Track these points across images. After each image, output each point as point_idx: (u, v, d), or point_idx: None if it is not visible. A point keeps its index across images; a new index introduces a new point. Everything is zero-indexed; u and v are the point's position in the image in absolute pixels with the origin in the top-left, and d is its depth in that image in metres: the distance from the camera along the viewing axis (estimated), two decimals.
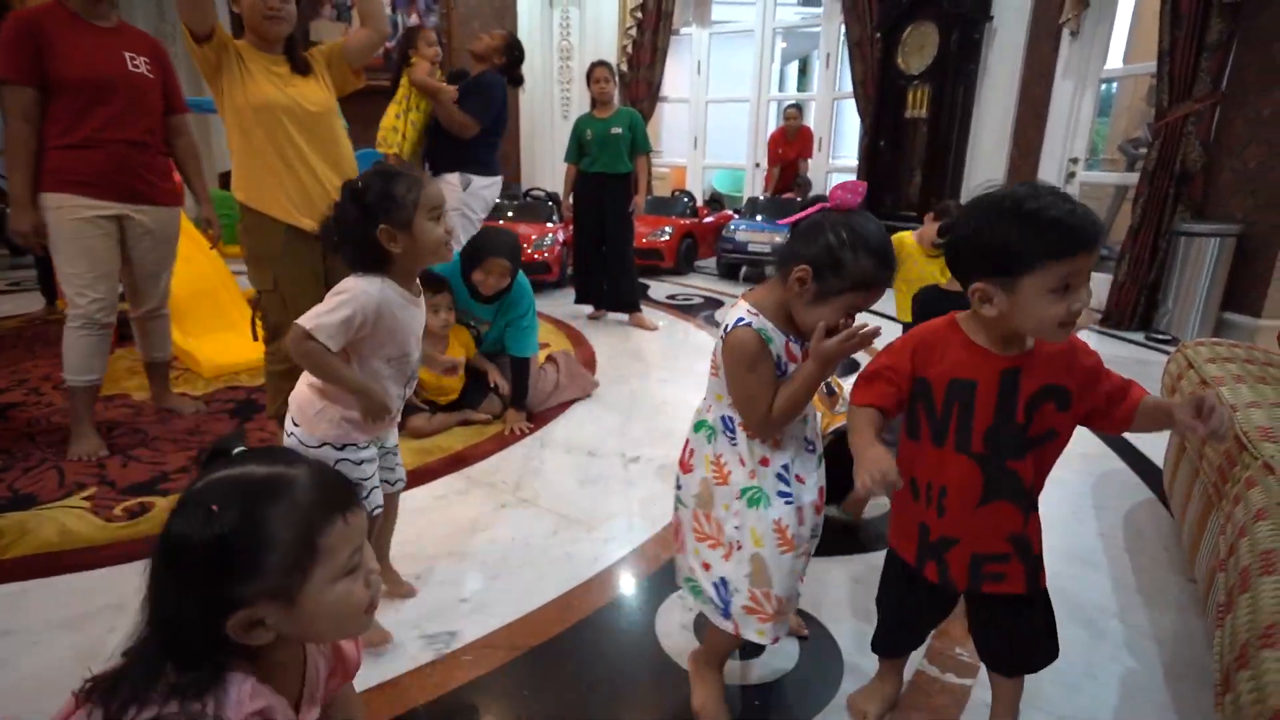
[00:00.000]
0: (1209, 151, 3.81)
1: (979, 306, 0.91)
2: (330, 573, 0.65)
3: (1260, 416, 1.44)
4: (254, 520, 0.62)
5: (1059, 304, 0.85)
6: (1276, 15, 3.46)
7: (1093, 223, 0.85)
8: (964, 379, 0.96)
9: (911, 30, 5.14)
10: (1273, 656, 0.78)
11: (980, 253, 0.89)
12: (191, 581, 0.61)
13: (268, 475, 0.65)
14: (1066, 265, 0.84)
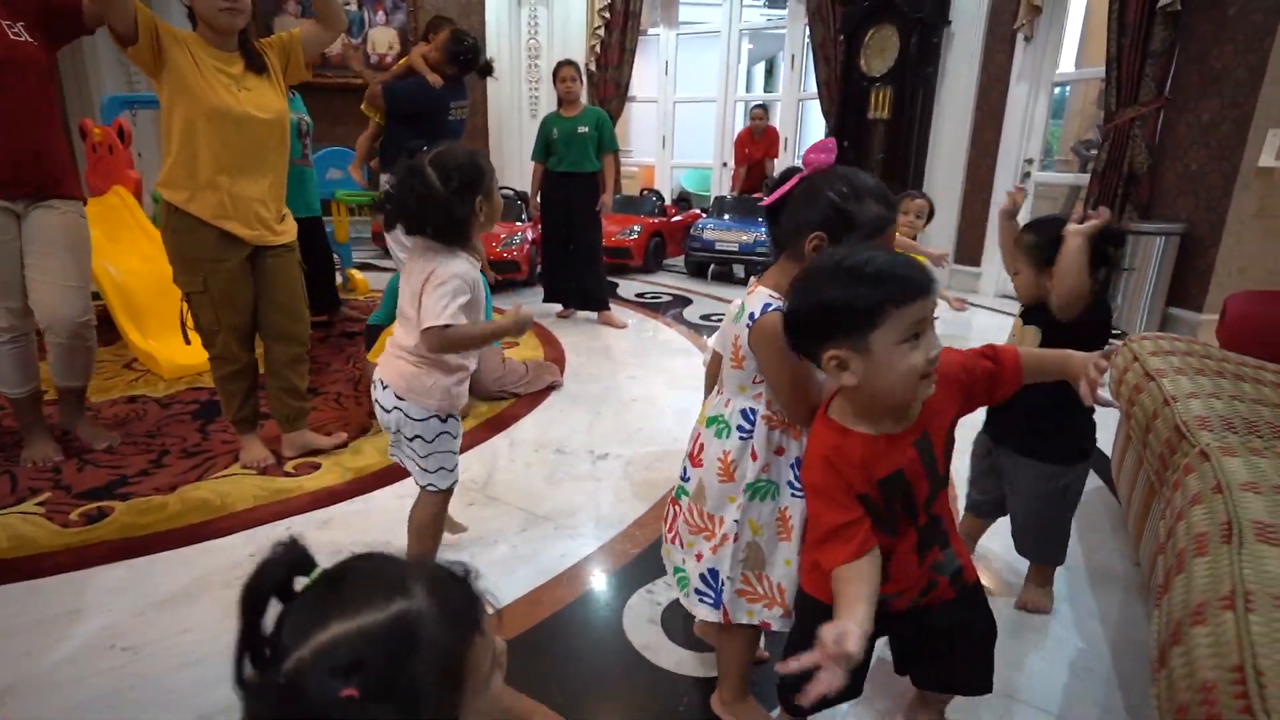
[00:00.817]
0: (1154, 154, 3.96)
1: (837, 376, 0.87)
2: (475, 686, 0.56)
3: (1198, 407, 1.51)
4: (403, 691, 0.49)
5: (915, 353, 0.83)
6: (1213, 25, 3.62)
7: (921, 269, 0.86)
8: (889, 474, 0.92)
9: (873, 33, 5.23)
10: (1202, 632, 0.83)
11: (823, 320, 0.86)
12: None
13: (391, 622, 0.51)
14: (910, 310, 0.83)
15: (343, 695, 0.46)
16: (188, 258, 1.99)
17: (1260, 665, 0.71)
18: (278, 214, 2.10)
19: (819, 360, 0.89)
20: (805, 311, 0.89)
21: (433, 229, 1.35)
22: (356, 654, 0.49)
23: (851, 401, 0.92)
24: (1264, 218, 3.47)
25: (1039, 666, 1.41)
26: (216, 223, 1.95)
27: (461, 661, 0.54)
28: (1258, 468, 1.18)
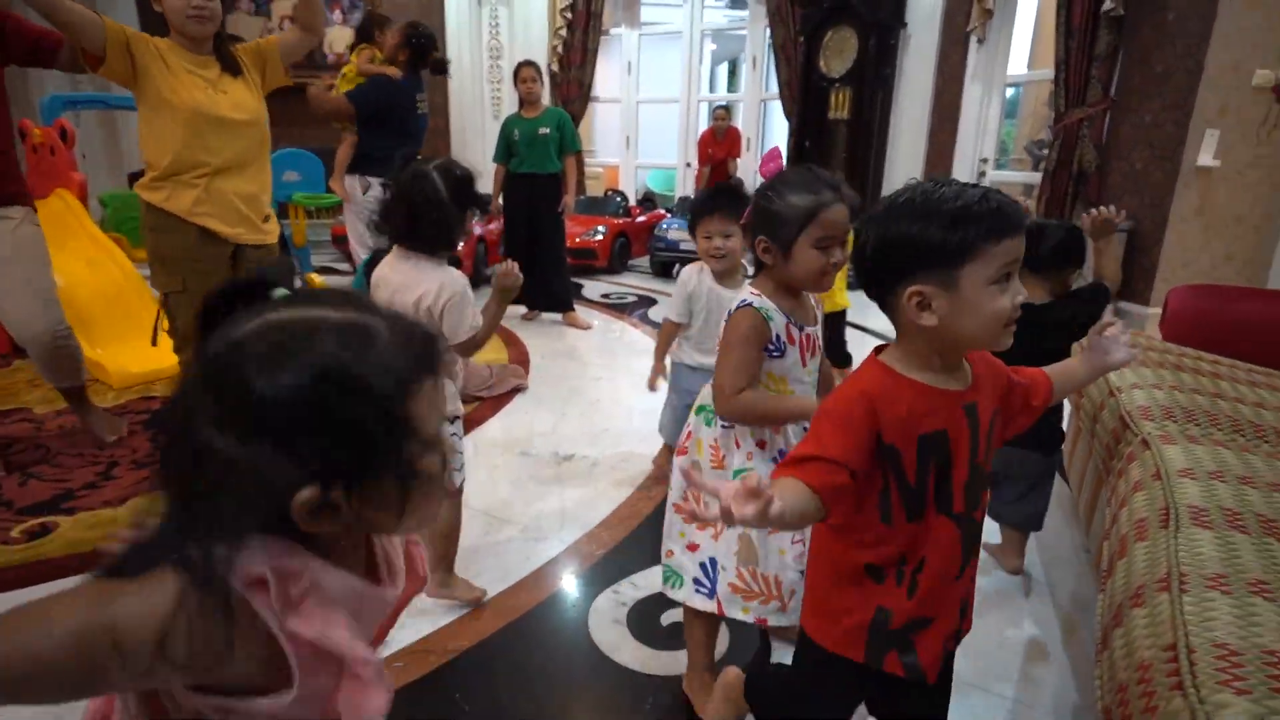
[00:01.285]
0: (1102, 153, 4.08)
1: (917, 315, 0.77)
2: (414, 446, 0.51)
3: (1141, 397, 1.57)
4: (334, 372, 0.47)
5: (1002, 296, 0.76)
6: (1154, 30, 3.75)
7: (1012, 202, 0.78)
8: (933, 431, 0.80)
9: (832, 35, 5.31)
10: (1140, 614, 0.86)
11: (911, 251, 0.77)
12: (250, 447, 0.46)
13: (346, 321, 0.50)
14: (1006, 247, 0.75)
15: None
16: (167, 256, 1.97)
17: (1192, 643, 0.74)
18: (261, 214, 2.09)
19: (891, 299, 0.80)
20: (891, 242, 0.78)
21: (426, 237, 1.37)
22: (299, 329, 0.47)
23: (915, 347, 0.82)
24: (1204, 215, 3.61)
25: (994, 652, 1.44)
26: (195, 219, 1.94)
27: (405, 392, 0.50)
28: (1194, 454, 1.23)
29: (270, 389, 0.45)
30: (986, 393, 0.85)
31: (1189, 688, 0.69)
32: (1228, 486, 1.10)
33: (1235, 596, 0.80)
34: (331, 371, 0.47)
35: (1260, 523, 0.97)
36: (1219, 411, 1.45)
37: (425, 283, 1.35)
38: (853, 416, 0.79)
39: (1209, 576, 0.85)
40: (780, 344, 1.13)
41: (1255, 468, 1.18)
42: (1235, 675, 0.68)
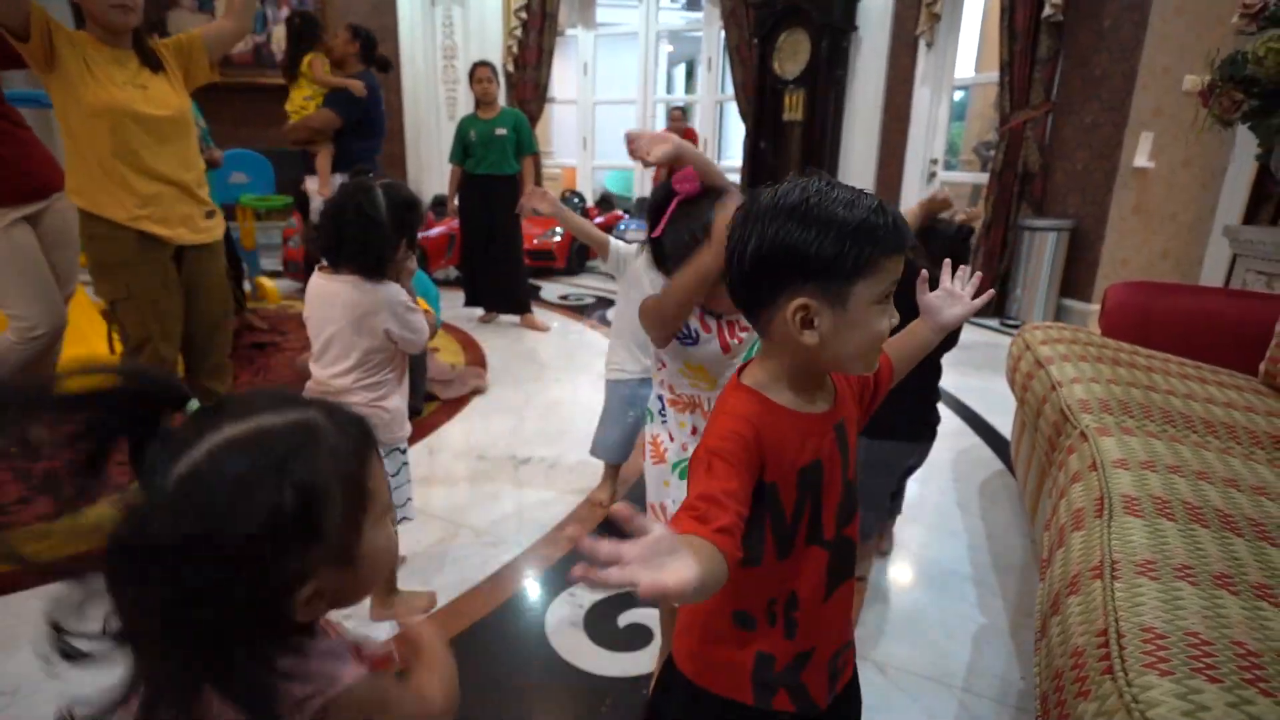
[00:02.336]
0: (1045, 154, 4.22)
1: (799, 332, 0.70)
2: (375, 517, 0.55)
3: (1080, 391, 1.62)
4: (305, 479, 0.49)
5: (883, 317, 0.71)
6: (1092, 35, 3.89)
7: (901, 217, 0.72)
8: (810, 462, 0.75)
9: (785, 37, 5.38)
10: (1076, 601, 0.89)
11: (801, 261, 0.68)
12: (244, 572, 0.47)
13: (290, 425, 0.50)
14: (895, 264, 0.70)
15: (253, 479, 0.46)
16: (107, 264, 1.90)
17: (1121, 628, 0.77)
18: (202, 209, 2.03)
19: (765, 310, 0.72)
20: (778, 248, 0.69)
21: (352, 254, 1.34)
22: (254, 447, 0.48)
23: (782, 366, 0.75)
24: (1141, 213, 3.75)
25: (942, 642, 1.48)
26: (131, 224, 1.88)
27: (362, 474, 0.53)
28: (1128, 445, 1.28)
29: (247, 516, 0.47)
30: (849, 404, 0.81)
31: (1118, 671, 0.71)
32: (1158, 476, 1.14)
33: (1162, 582, 0.83)
34: (303, 484, 0.48)
35: (1186, 510, 1.01)
36: (1152, 404, 1.51)
37: (364, 303, 1.34)
38: (747, 459, 0.70)
39: (1139, 563, 0.88)
40: (691, 332, 1.11)
41: (1184, 457, 1.23)
42: (1160, 658, 0.70)
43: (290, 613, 0.50)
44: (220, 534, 0.46)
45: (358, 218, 1.32)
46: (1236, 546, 0.91)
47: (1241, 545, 0.92)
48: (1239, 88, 2.24)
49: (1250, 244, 2.49)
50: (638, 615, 1.52)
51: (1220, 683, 0.66)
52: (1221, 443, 1.37)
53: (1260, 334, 1.83)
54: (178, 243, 1.97)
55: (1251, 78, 2.17)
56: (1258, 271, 2.44)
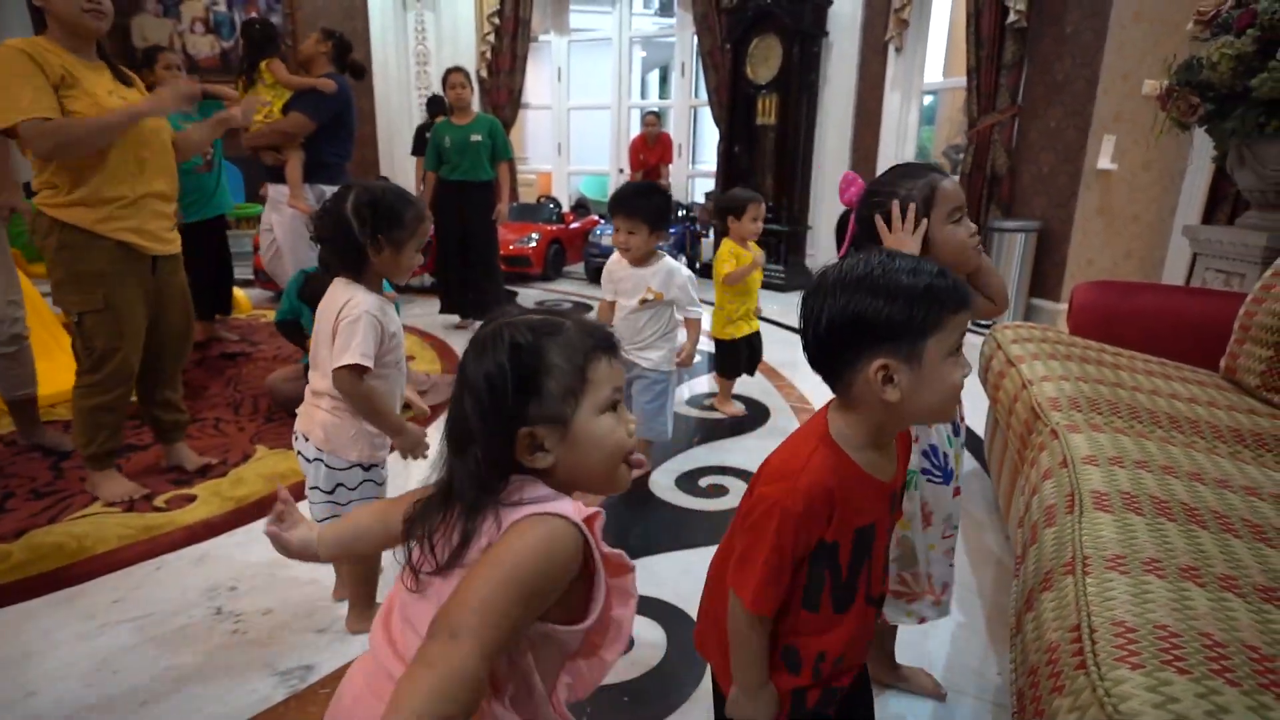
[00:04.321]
0: (1012, 157, 4.30)
1: (882, 390, 0.76)
2: (595, 404, 0.70)
3: (1050, 389, 1.65)
4: (539, 350, 0.68)
5: (957, 369, 0.78)
6: (1055, 41, 3.98)
7: (960, 279, 0.80)
8: (867, 525, 0.82)
9: (757, 42, 5.43)
10: (1049, 597, 0.90)
11: (876, 326, 0.76)
12: (490, 403, 0.67)
13: (546, 320, 0.71)
14: (962, 319, 0.77)
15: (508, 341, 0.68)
16: (84, 274, 1.85)
17: (1094, 623, 0.78)
18: (170, 223, 2.02)
19: (849, 374, 0.79)
20: (853, 318, 0.77)
21: (329, 252, 1.35)
22: (515, 328, 0.69)
23: (865, 422, 0.81)
24: (1105, 214, 3.84)
25: (920, 640, 1.49)
26: (111, 234, 1.85)
27: (587, 364, 0.70)
28: (1097, 442, 1.30)
29: (501, 362, 0.67)
30: (903, 468, 0.88)
31: (1091, 666, 0.72)
32: (1126, 471, 1.16)
33: (1132, 576, 0.85)
34: (525, 349, 0.68)
35: (1154, 504, 1.04)
36: (1119, 400, 1.54)
37: (336, 306, 1.32)
38: (810, 518, 0.78)
39: (1109, 558, 0.90)
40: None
41: (1150, 453, 1.25)
42: (1131, 651, 0.71)
43: (514, 450, 0.68)
44: (482, 376, 0.67)
45: (326, 221, 1.32)
46: (1202, 539, 0.94)
47: (1207, 538, 0.94)
48: (1195, 92, 2.31)
49: (1209, 243, 2.56)
50: None
51: (1189, 674, 0.67)
52: (1186, 437, 1.40)
53: (1220, 330, 1.87)
54: (153, 253, 1.95)
55: (1206, 82, 2.24)
56: (1216, 270, 2.51)
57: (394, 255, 1.34)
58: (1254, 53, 2.08)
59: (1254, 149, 2.27)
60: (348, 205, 1.31)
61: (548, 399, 0.68)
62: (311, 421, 1.37)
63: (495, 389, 0.66)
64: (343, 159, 3.34)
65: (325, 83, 3.15)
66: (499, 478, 0.68)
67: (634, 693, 1.34)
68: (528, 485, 0.69)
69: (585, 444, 0.70)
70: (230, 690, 1.31)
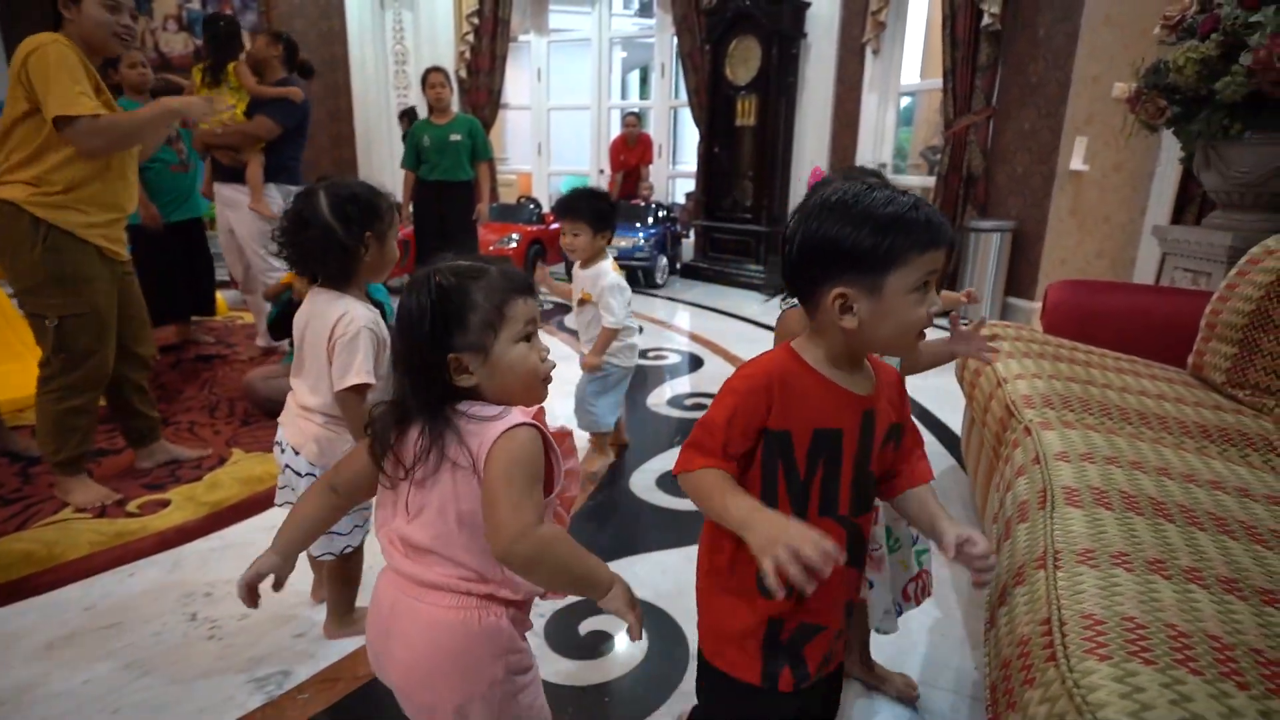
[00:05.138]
0: (988, 158, 4.36)
1: (839, 317, 0.78)
2: (511, 335, 0.83)
3: (1024, 386, 1.68)
4: (464, 290, 0.82)
5: (920, 305, 0.78)
6: (1028, 43, 4.04)
7: (941, 215, 0.79)
8: (829, 428, 0.82)
9: (736, 44, 5.46)
10: (1021, 592, 0.92)
11: (839, 254, 0.77)
12: (420, 333, 0.81)
13: (472, 265, 0.85)
14: (930, 258, 0.76)
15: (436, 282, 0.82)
16: (72, 277, 1.84)
17: (1063, 616, 0.79)
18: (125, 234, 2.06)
19: (813, 297, 0.81)
20: (820, 242, 0.78)
21: (313, 261, 1.30)
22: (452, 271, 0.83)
23: (828, 345, 0.83)
24: (1078, 215, 3.91)
25: (898, 636, 1.50)
26: (94, 240, 1.86)
27: (504, 303, 0.83)
28: (1068, 439, 1.32)
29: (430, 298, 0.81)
30: (884, 403, 0.87)
31: (1061, 658, 0.73)
32: (1096, 467, 1.19)
33: (1101, 570, 0.87)
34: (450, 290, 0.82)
35: (1123, 499, 1.06)
36: (1090, 397, 1.57)
37: (330, 315, 1.27)
38: (752, 396, 0.81)
39: (1079, 552, 0.91)
40: None
41: (1120, 449, 1.28)
42: (1099, 643, 0.73)
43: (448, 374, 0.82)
44: (414, 310, 0.81)
45: (301, 224, 1.25)
46: (1168, 532, 0.96)
47: (1173, 531, 0.96)
48: (1162, 95, 2.35)
49: (1177, 243, 2.61)
50: (599, 623, 1.52)
51: (1154, 664, 0.69)
52: (1154, 433, 1.43)
53: (1188, 328, 1.91)
54: (120, 259, 1.98)
55: (1173, 86, 2.28)
56: (1184, 269, 2.56)
57: (379, 250, 1.31)
58: (1218, 57, 2.13)
59: (1219, 151, 2.32)
60: (324, 208, 1.25)
61: (471, 330, 0.82)
62: (303, 436, 1.33)
63: (423, 322, 0.80)
64: (300, 161, 3.36)
65: (294, 92, 3.19)
66: (438, 395, 0.83)
67: (614, 693, 1.34)
68: (475, 405, 0.83)
69: (503, 368, 0.84)
70: (206, 697, 1.29)
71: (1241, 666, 0.69)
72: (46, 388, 1.90)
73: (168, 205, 3.35)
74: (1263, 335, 1.64)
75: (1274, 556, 0.91)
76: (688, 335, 4.26)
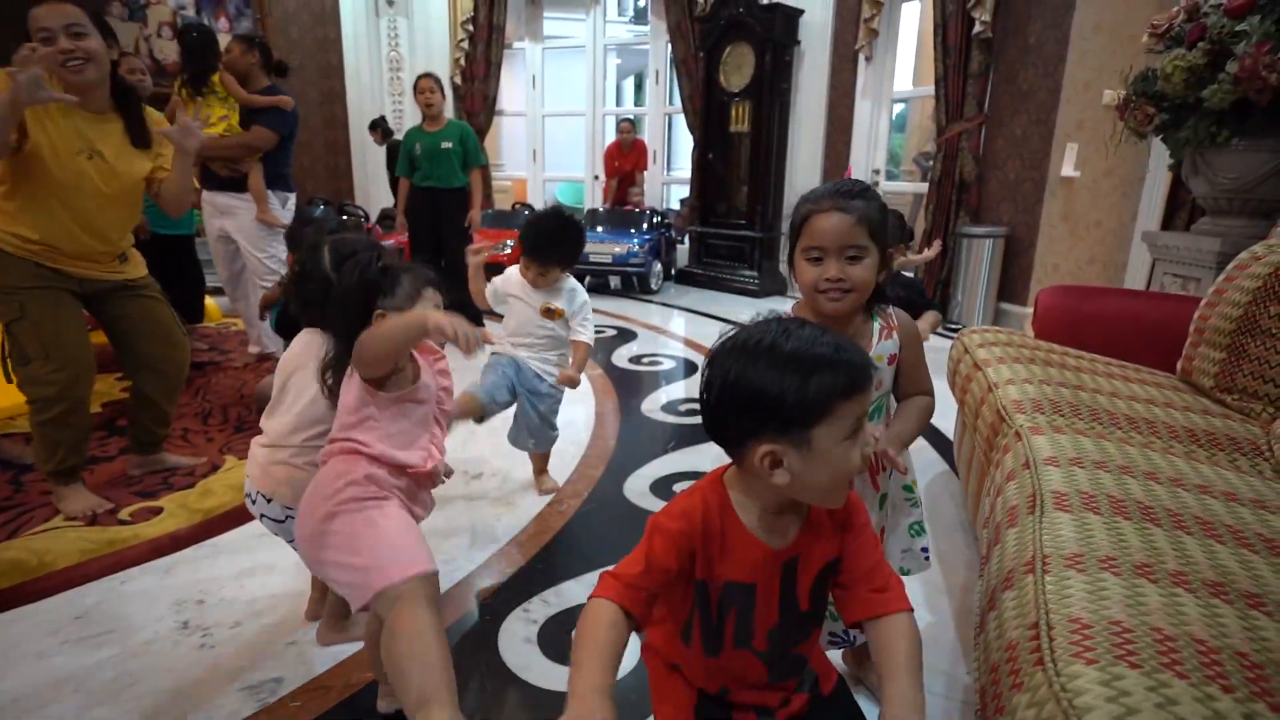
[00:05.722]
0: (980, 164, 4.39)
1: (770, 476, 0.73)
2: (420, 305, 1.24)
3: (1015, 392, 1.69)
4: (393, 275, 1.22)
5: (853, 450, 0.73)
6: (1019, 51, 4.08)
7: (863, 355, 0.74)
8: (741, 582, 0.79)
9: (730, 51, 5.49)
10: (1010, 597, 0.93)
11: (762, 407, 0.71)
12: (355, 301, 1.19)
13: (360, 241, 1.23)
14: (858, 402, 0.72)
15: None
16: (2, 286, 1.82)
17: (1051, 620, 0.80)
18: (112, 253, 1.98)
19: (740, 450, 0.75)
20: (741, 394, 0.72)
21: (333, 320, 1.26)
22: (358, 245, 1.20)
23: (758, 495, 0.79)
24: (1069, 220, 3.93)
25: None
26: (31, 256, 1.82)
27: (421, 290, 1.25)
28: (1058, 443, 1.33)
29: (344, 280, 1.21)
30: (822, 537, 0.81)
31: (1048, 662, 0.74)
32: (1085, 472, 1.19)
33: (1088, 574, 0.87)
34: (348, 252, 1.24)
35: (1111, 504, 1.07)
36: (1080, 402, 1.58)
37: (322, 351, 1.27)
38: (677, 537, 0.77)
39: (1067, 556, 0.92)
40: None
41: (1109, 453, 1.29)
42: (1086, 647, 0.74)
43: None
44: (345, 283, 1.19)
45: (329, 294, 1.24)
46: (1155, 536, 0.96)
47: (1160, 535, 0.97)
48: (1151, 102, 2.38)
49: (1166, 249, 2.63)
50: None
51: (1140, 668, 0.69)
52: (1143, 438, 1.44)
53: (1177, 333, 1.93)
54: (83, 275, 1.91)
55: (1161, 93, 2.31)
56: (1174, 274, 2.58)
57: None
58: (1205, 65, 2.16)
59: (1206, 158, 2.34)
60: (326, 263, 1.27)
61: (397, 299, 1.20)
62: (273, 481, 1.30)
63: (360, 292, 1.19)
64: (291, 167, 3.40)
65: (285, 101, 3.21)
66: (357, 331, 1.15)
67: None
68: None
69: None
70: (198, 705, 1.29)
71: (1227, 670, 0.70)
72: (26, 400, 1.91)
73: (152, 212, 3.34)
74: (1250, 340, 1.65)
75: (1260, 561, 0.92)
76: (682, 340, 4.27)
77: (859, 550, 0.82)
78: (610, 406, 3.00)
